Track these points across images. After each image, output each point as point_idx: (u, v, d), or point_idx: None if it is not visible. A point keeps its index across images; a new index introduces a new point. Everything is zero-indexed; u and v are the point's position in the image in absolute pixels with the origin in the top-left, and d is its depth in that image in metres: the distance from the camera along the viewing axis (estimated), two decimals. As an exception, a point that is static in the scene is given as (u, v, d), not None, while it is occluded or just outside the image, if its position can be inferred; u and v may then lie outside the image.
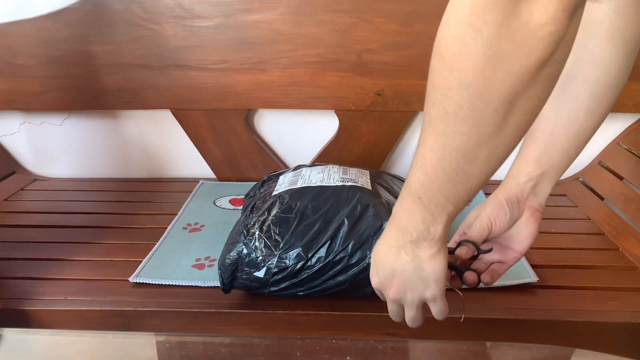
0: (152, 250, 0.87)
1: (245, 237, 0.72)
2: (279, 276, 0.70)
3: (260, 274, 0.71)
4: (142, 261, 0.84)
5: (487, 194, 1.09)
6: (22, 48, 1.10)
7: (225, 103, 1.14)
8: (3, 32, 1.09)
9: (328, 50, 1.07)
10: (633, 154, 1.08)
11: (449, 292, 0.57)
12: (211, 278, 0.79)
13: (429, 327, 0.72)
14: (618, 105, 1.10)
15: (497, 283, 0.76)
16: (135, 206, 1.08)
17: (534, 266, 0.81)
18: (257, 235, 0.72)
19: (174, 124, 1.18)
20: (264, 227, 0.72)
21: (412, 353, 0.61)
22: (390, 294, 0.54)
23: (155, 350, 0.59)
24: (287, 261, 0.70)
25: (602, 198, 1.05)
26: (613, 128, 1.15)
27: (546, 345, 0.59)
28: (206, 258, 0.85)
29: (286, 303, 0.74)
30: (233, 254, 0.71)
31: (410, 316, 0.55)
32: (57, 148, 1.24)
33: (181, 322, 0.75)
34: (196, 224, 0.98)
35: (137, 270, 0.81)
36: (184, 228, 0.96)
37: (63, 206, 1.09)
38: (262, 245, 0.71)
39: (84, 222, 1.01)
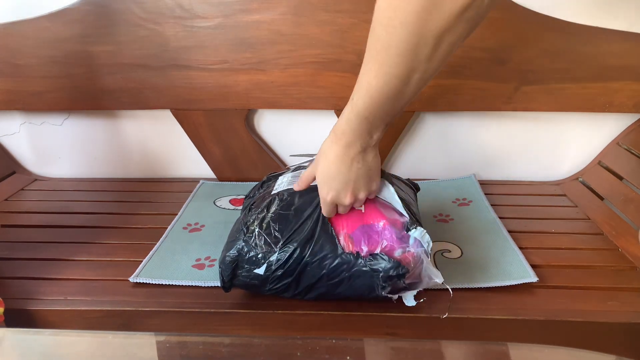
0: (152, 250, 0.87)
1: (245, 235, 0.72)
2: (280, 272, 0.70)
3: (261, 270, 0.71)
4: (142, 261, 0.84)
5: (488, 194, 1.09)
6: (22, 48, 1.10)
7: (225, 103, 1.14)
8: (3, 32, 1.09)
9: (328, 50, 1.08)
10: (633, 154, 1.08)
11: (439, 291, 0.57)
12: (211, 278, 0.79)
13: (429, 327, 0.73)
14: (618, 105, 1.12)
15: (496, 283, 0.77)
16: (135, 206, 1.08)
17: (534, 266, 0.81)
18: (256, 233, 0.72)
19: (174, 124, 1.18)
20: (264, 224, 0.72)
21: (412, 353, 0.61)
22: (347, 201, 0.68)
23: (155, 350, 0.59)
24: (286, 256, 0.70)
25: (601, 198, 1.05)
26: (613, 128, 1.15)
27: (546, 345, 0.59)
28: (206, 258, 0.85)
29: (286, 303, 0.74)
30: (233, 251, 0.72)
31: (346, 207, 0.70)
32: (57, 148, 1.24)
33: (181, 322, 0.75)
34: (196, 224, 0.98)
35: (137, 270, 0.81)
36: (184, 228, 0.96)
37: (63, 206, 1.09)
38: (262, 242, 0.71)
39: (84, 222, 1.01)
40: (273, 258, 0.70)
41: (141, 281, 0.79)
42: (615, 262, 0.85)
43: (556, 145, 1.18)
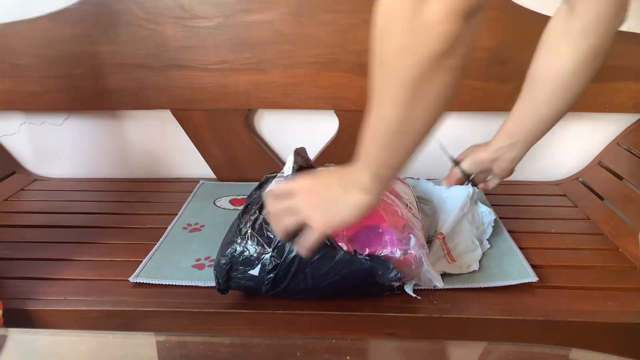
0: (152, 251, 0.87)
1: (238, 237, 0.72)
2: (274, 273, 0.70)
3: (255, 272, 0.71)
4: (142, 261, 0.84)
5: (488, 194, 1.09)
6: (22, 48, 1.10)
7: (225, 103, 1.14)
8: (3, 32, 1.09)
9: (328, 50, 1.08)
10: (633, 154, 1.08)
11: (444, 292, 0.57)
12: (211, 278, 0.79)
13: (429, 327, 0.72)
14: (618, 106, 1.11)
15: (496, 283, 0.77)
16: (135, 206, 1.08)
17: (534, 266, 0.81)
18: (249, 234, 0.72)
19: (174, 124, 1.18)
20: (256, 226, 0.72)
21: (412, 353, 0.61)
22: (297, 198, 0.62)
23: (155, 350, 0.59)
24: (280, 257, 0.70)
25: (601, 198, 1.05)
26: (613, 128, 1.15)
27: (546, 345, 0.59)
28: (206, 258, 0.85)
29: (286, 303, 0.74)
30: (227, 254, 0.72)
31: (286, 226, 0.64)
32: (57, 148, 1.24)
33: (181, 322, 0.75)
34: (196, 224, 0.98)
35: (137, 271, 0.81)
36: (184, 228, 0.96)
37: (63, 206, 1.09)
38: (255, 243, 0.71)
39: (84, 222, 1.01)
40: (266, 258, 0.70)
41: (141, 281, 0.79)
42: (615, 262, 0.85)
43: (556, 145, 1.18)
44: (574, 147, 1.18)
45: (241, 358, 0.56)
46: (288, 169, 0.77)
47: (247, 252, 0.71)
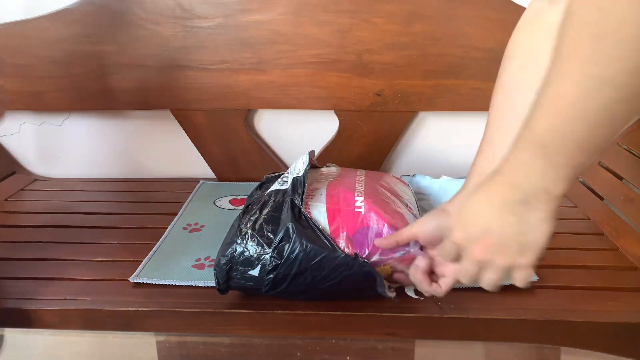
0: (152, 251, 0.87)
1: (238, 237, 0.72)
2: (274, 274, 0.70)
3: (255, 272, 0.71)
4: (142, 261, 0.84)
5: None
6: (22, 48, 1.10)
7: (225, 103, 1.14)
8: (3, 32, 1.09)
9: (328, 50, 1.08)
10: (633, 154, 1.08)
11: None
12: (211, 278, 0.79)
13: (429, 327, 0.72)
14: (618, 106, 1.11)
15: (497, 283, 0.77)
16: (135, 206, 1.08)
17: (533, 266, 0.81)
18: (249, 234, 0.72)
19: (174, 124, 1.18)
20: (256, 226, 0.72)
21: (412, 353, 0.61)
22: (475, 253, 0.50)
23: (155, 350, 0.59)
24: (280, 258, 0.70)
25: (601, 198, 1.05)
26: (613, 128, 1.15)
27: (546, 345, 0.59)
28: (206, 258, 0.85)
29: (286, 303, 0.74)
30: (227, 254, 0.72)
31: (491, 279, 0.51)
32: (57, 148, 1.24)
33: (181, 322, 0.74)
34: (196, 224, 0.98)
35: (137, 271, 0.81)
36: (184, 228, 0.96)
37: (63, 206, 1.09)
38: (255, 243, 0.71)
39: (84, 222, 1.01)
40: (266, 259, 0.70)
41: (141, 281, 0.79)
42: (615, 262, 0.85)
43: (556, 145, 1.18)
44: (574, 147, 1.18)
45: (241, 358, 0.56)
46: (300, 169, 0.77)
47: (247, 252, 0.71)
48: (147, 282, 0.79)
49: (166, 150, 1.24)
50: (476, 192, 0.48)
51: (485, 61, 1.08)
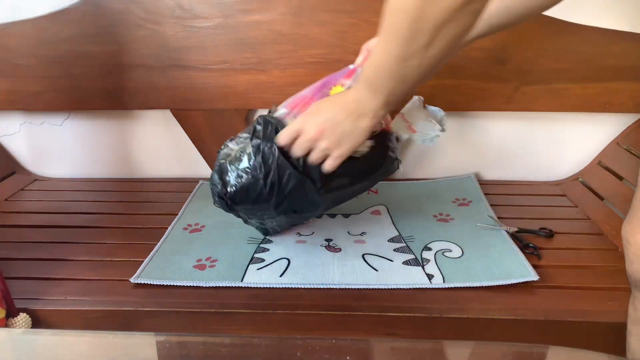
0: (152, 251, 0.87)
1: (220, 152, 0.80)
2: (259, 154, 0.74)
3: (245, 163, 0.76)
4: (142, 261, 0.84)
5: (488, 194, 1.09)
6: (22, 48, 1.10)
7: (225, 103, 1.14)
8: (3, 32, 1.09)
9: (328, 50, 1.08)
10: (633, 154, 1.08)
11: (445, 292, 0.57)
12: (212, 278, 0.80)
13: (429, 327, 0.73)
14: (618, 105, 1.11)
15: (498, 282, 0.77)
16: (135, 206, 1.09)
17: (534, 266, 0.81)
18: (227, 143, 0.81)
19: (174, 124, 1.18)
20: (233, 137, 0.81)
21: (412, 353, 0.61)
22: (311, 134, 0.69)
23: (155, 350, 0.59)
24: (259, 138, 0.76)
25: (601, 198, 1.05)
26: (613, 128, 1.15)
27: (546, 345, 0.59)
28: (207, 258, 0.85)
29: (286, 303, 0.74)
30: (215, 169, 0.79)
31: (313, 157, 0.71)
32: (57, 148, 1.24)
33: (181, 322, 0.75)
34: (196, 224, 0.98)
35: (137, 271, 0.81)
36: (185, 229, 0.96)
37: (63, 206, 1.09)
38: (234, 142, 0.80)
39: (84, 222, 1.01)
40: (250, 150, 0.75)
41: (142, 282, 0.79)
42: (615, 262, 0.85)
43: (556, 145, 1.18)
44: (574, 147, 1.18)
45: (241, 358, 0.56)
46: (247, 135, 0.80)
47: (231, 151, 0.78)
48: (148, 282, 0.79)
49: (166, 150, 1.24)
50: (328, 98, 0.72)
51: (485, 61, 1.08)
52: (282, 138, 0.73)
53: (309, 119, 0.70)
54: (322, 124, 0.69)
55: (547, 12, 1.04)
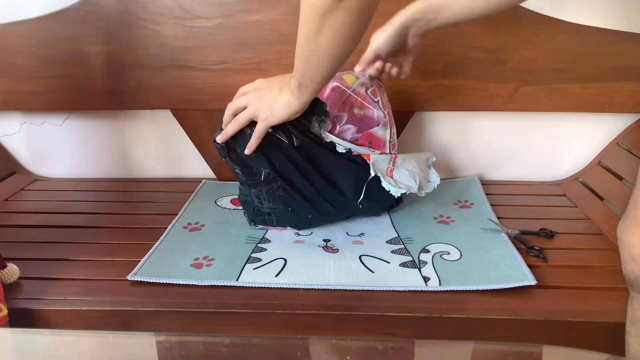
0: (151, 249, 0.87)
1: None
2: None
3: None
4: (141, 260, 0.84)
5: (488, 194, 1.08)
6: (22, 48, 1.10)
7: (225, 103, 1.12)
8: (3, 32, 1.09)
9: (328, 50, 1.07)
10: (632, 154, 1.08)
11: (444, 292, 0.56)
12: (209, 277, 0.79)
13: (429, 327, 0.72)
14: (617, 106, 1.12)
15: (495, 285, 0.77)
16: (136, 206, 1.09)
17: (533, 266, 0.81)
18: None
19: (174, 124, 1.18)
20: None
21: (412, 353, 0.61)
22: (248, 95, 0.82)
23: (155, 350, 0.59)
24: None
25: (601, 198, 1.05)
26: (612, 128, 1.15)
27: (546, 345, 0.59)
28: (205, 257, 0.85)
29: (286, 303, 0.74)
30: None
31: (241, 116, 0.82)
32: (57, 148, 1.24)
33: (181, 322, 0.75)
34: (196, 223, 0.98)
35: (135, 269, 0.81)
36: (184, 227, 0.96)
37: (63, 206, 1.09)
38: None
39: (84, 222, 1.01)
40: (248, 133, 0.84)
41: (139, 279, 0.79)
42: (615, 262, 0.85)
43: (556, 145, 1.18)
44: (574, 147, 1.18)
45: (241, 358, 0.56)
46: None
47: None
48: (145, 280, 0.79)
49: (166, 150, 1.24)
50: (277, 77, 0.82)
51: (485, 61, 1.08)
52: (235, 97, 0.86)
53: (257, 82, 0.83)
54: (258, 88, 0.82)
55: (547, 13, 1.05)
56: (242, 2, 1.06)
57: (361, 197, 0.89)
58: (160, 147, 1.24)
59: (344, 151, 0.88)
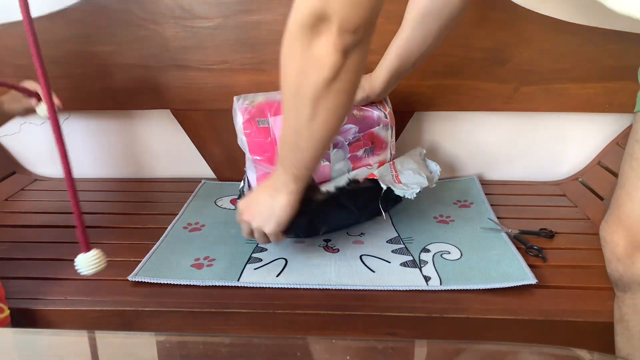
0: (151, 250, 0.87)
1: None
2: None
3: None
4: (141, 260, 0.84)
5: (488, 194, 1.08)
6: (22, 48, 1.10)
7: (225, 103, 1.13)
8: (3, 32, 1.09)
9: (328, 50, 1.07)
10: (633, 154, 1.08)
11: (444, 292, 0.57)
12: (209, 277, 0.80)
13: (429, 327, 0.73)
14: (618, 105, 1.11)
15: (495, 285, 0.77)
16: (136, 206, 1.09)
17: (533, 266, 0.81)
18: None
19: (174, 124, 1.18)
20: None
21: (412, 353, 0.61)
22: (244, 216, 0.76)
23: (155, 350, 0.59)
24: None
25: (601, 198, 1.05)
26: (612, 128, 1.15)
27: (546, 345, 0.59)
28: (205, 258, 0.85)
29: (287, 303, 0.74)
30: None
31: (256, 237, 0.78)
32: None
33: (181, 322, 0.75)
34: (196, 223, 0.98)
35: (136, 269, 0.81)
36: (184, 227, 0.96)
37: (63, 206, 1.08)
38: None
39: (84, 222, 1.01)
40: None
41: (139, 280, 0.79)
42: (615, 262, 0.85)
43: (556, 145, 1.18)
44: (574, 147, 1.18)
45: (241, 358, 0.56)
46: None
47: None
48: (145, 280, 0.79)
49: (166, 150, 1.24)
50: (260, 185, 0.77)
51: (485, 61, 1.08)
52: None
53: (243, 202, 0.78)
54: (249, 206, 0.76)
55: (547, 13, 1.05)
56: (242, 2, 1.06)
57: (384, 214, 0.89)
58: (160, 147, 1.24)
59: (346, 184, 0.85)
